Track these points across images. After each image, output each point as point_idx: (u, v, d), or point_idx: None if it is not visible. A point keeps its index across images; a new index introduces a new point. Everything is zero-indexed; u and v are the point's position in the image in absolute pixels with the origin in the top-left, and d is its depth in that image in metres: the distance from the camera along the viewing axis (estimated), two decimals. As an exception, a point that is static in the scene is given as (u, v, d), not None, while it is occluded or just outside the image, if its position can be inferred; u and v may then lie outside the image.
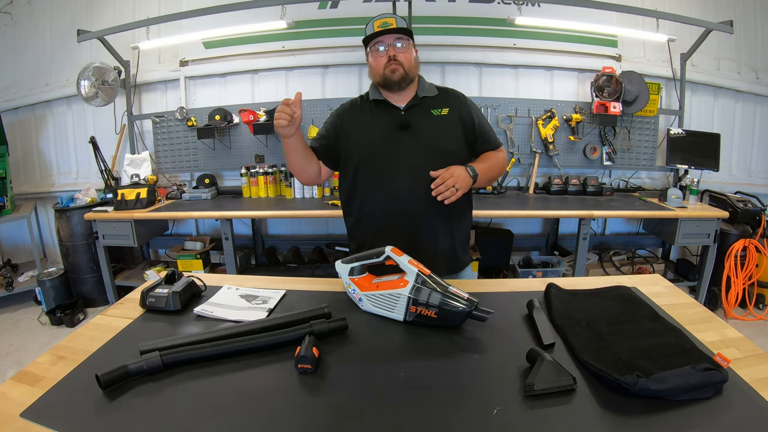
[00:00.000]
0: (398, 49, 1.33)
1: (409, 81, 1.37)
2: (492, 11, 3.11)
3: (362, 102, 1.46)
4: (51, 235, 3.70)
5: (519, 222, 3.43)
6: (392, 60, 1.32)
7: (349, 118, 1.44)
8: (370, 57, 1.38)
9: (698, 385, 0.71)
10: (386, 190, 1.35)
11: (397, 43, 1.33)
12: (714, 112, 3.38)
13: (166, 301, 1.07)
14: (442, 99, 1.43)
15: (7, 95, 3.58)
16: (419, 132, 1.36)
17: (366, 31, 1.37)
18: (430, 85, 1.45)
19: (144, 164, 3.28)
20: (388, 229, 1.36)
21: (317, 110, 3.20)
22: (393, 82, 1.34)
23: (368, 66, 1.41)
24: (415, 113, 1.38)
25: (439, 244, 1.39)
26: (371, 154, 1.37)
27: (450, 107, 1.41)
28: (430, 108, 1.39)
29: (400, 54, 1.33)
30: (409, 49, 1.36)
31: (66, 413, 0.71)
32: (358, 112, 1.44)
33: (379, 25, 1.32)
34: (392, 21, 1.33)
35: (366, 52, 1.40)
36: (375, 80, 1.39)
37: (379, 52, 1.34)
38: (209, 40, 3.25)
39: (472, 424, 0.68)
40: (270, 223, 3.65)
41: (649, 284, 1.22)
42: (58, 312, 2.96)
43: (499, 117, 3.17)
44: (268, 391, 0.77)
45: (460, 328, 0.97)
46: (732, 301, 2.89)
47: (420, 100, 1.39)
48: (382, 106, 1.40)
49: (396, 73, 1.33)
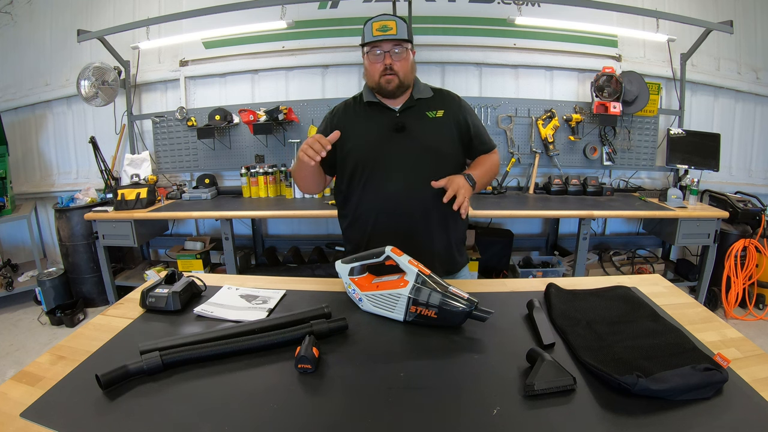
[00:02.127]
0: (395, 56, 1.29)
1: (404, 89, 1.35)
2: (492, 11, 3.11)
3: (355, 103, 1.43)
4: (51, 235, 3.70)
5: (519, 222, 3.43)
6: (388, 69, 1.29)
7: (344, 121, 1.40)
8: (366, 59, 1.34)
9: (698, 385, 0.71)
10: (381, 192, 1.34)
11: (395, 49, 1.29)
12: (714, 112, 3.38)
13: (166, 301, 1.07)
14: (437, 101, 1.40)
15: (7, 95, 3.59)
16: (414, 134, 1.34)
17: (364, 33, 1.31)
18: (425, 86, 1.43)
19: (144, 164, 3.29)
20: (383, 231, 1.35)
21: (317, 110, 3.18)
22: (387, 92, 1.32)
23: (364, 68, 1.37)
24: (409, 115, 1.36)
25: (435, 245, 1.38)
26: (367, 156, 1.35)
27: (445, 109, 1.39)
28: (425, 110, 1.37)
29: (396, 63, 1.29)
30: (407, 56, 1.32)
31: (66, 413, 0.71)
32: (353, 114, 1.41)
33: (379, 28, 1.27)
34: (392, 25, 1.27)
35: (362, 51, 1.35)
36: (369, 85, 1.37)
37: (376, 57, 1.30)
38: (209, 40, 3.25)
39: (472, 424, 0.68)
40: (270, 223, 3.65)
41: (649, 284, 1.22)
42: (58, 312, 2.96)
43: (499, 117, 3.17)
44: (268, 391, 0.77)
45: (460, 328, 0.97)
46: (732, 301, 2.89)
47: (415, 102, 1.37)
48: (377, 108, 1.38)
49: (391, 84, 1.30)
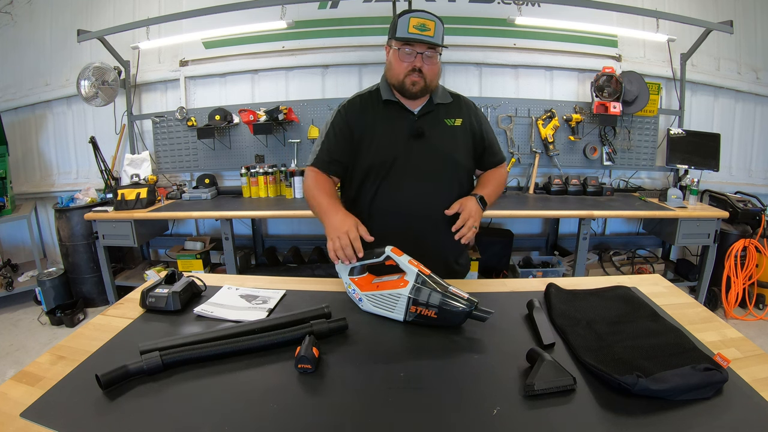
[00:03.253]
0: (427, 60, 1.23)
1: (428, 93, 1.31)
2: (492, 11, 3.11)
3: (371, 99, 1.35)
4: (51, 235, 3.70)
5: (519, 222, 3.43)
6: (416, 71, 1.23)
7: (357, 119, 1.33)
8: (392, 54, 1.27)
9: (698, 385, 0.71)
10: (394, 195, 1.31)
11: (428, 52, 1.23)
12: (714, 112, 3.38)
13: (166, 301, 1.07)
14: (455, 108, 1.37)
15: (7, 95, 3.58)
16: (433, 140, 1.31)
17: (397, 26, 1.22)
18: (444, 90, 1.39)
19: (144, 164, 3.29)
20: (392, 233, 1.30)
21: (317, 110, 3.18)
22: (410, 93, 1.27)
23: (387, 61, 1.30)
24: (428, 120, 1.32)
25: (442, 251, 1.36)
26: (383, 159, 1.30)
27: (463, 118, 1.36)
28: (443, 116, 1.34)
29: (426, 66, 1.24)
30: (436, 61, 1.26)
31: (66, 413, 0.71)
32: (370, 111, 1.34)
33: (416, 26, 1.19)
34: (431, 26, 1.19)
35: (388, 43, 1.28)
36: (391, 82, 1.30)
37: (405, 55, 1.23)
38: (209, 40, 3.25)
39: (472, 424, 0.68)
40: (270, 223, 3.65)
41: (649, 284, 1.22)
42: (58, 312, 2.95)
43: (499, 117, 3.17)
44: (268, 391, 0.77)
45: (460, 328, 0.97)
46: (732, 301, 2.89)
47: (434, 107, 1.33)
48: (395, 107, 1.32)
49: (416, 86, 1.25)
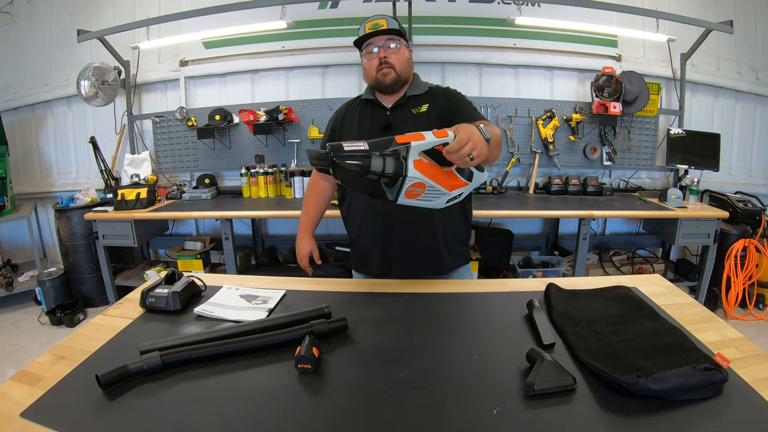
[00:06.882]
0: (390, 50, 1.33)
1: (403, 83, 1.36)
2: (492, 11, 3.11)
3: (355, 101, 1.48)
4: (51, 235, 3.70)
5: (519, 222, 3.43)
6: (384, 63, 1.32)
7: (342, 120, 1.45)
8: (363, 59, 1.38)
9: (698, 385, 0.71)
10: None
11: (390, 43, 1.32)
12: (714, 112, 3.38)
13: (166, 301, 1.07)
14: (426, 96, 1.40)
15: (7, 95, 3.58)
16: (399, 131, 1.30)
17: (358, 33, 1.36)
18: (423, 83, 1.43)
19: (144, 164, 3.29)
20: (368, 228, 1.38)
21: (317, 110, 3.18)
22: (385, 85, 1.34)
23: (362, 69, 1.41)
24: (398, 113, 1.38)
25: (417, 243, 1.34)
26: None
27: (430, 103, 1.37)
28: (412, 107, 1.38)
29: (392, 56, 1.32)
30: (402, 50, 1.35)
31: (66, 413, 0.71)
32: (351, 114, 1.45)
33: (370, 27, 1.32)
34: (383, 22, 1.32)
35: (360, 55, 1.40)
36: (368, 83, 1.40)
37: (372, 54, 1.34)
38: (209, 40, 3.25)
39: (472, 424, 0.68)
40: (270, 223, 3.65)
41: (649, 284, 1.22)
42: (58, 312, 2.95)
43: (499, 117, 3.17)
44: (268, 391, 0.77)
45: (460, 328, 0.97)
46: (732, 301, 2.89)
47: (406, 100, 1.38)
48: (370, 106, 1.42)
49: (388, 77, 1.33)
